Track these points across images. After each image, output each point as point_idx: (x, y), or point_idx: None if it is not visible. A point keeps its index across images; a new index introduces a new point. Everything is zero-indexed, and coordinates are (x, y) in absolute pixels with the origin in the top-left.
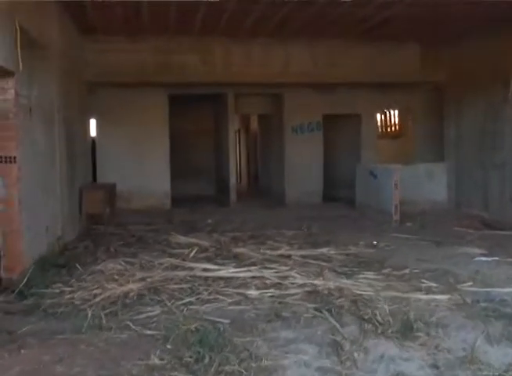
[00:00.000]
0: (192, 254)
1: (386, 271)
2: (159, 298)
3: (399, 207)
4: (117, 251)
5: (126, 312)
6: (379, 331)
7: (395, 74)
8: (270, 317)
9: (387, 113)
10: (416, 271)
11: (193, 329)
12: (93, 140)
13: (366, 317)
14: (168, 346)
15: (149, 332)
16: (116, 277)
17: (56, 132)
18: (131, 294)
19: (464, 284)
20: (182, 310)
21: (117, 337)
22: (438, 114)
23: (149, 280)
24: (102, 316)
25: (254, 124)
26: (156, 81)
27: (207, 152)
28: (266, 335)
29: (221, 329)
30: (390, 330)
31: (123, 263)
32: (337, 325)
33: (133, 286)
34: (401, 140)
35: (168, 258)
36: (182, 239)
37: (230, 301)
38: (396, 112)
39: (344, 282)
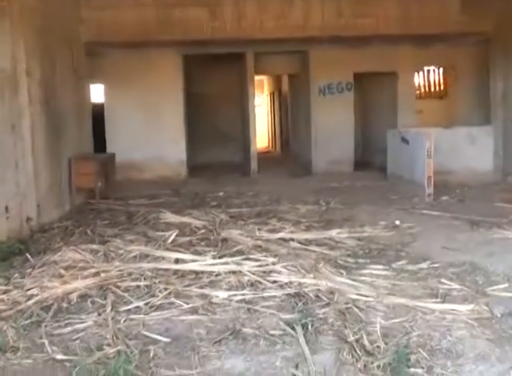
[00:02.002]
0: (170, 239)
1: (400, 264)
2: (103, 302)
3: (434, 179)
4: (94, 233)
5: (52, 323)
6: (359, 366)
7: (434, 24)
8: (224, 335)
9: (430, 71)
10: (436, 265)
11: (112, 355)
12: (102, 107)
13: (351, 339)
14: None
15: (60, 357)
16: (63, 272)
17: (24, 97)
18: (74, 295)
19: (496, 287)
20: (121, 321)
21: (17, 364)
22: (484, 72)
23: (103, 274)
24: (8, 333)
25: (286, 85)
26: (160, 39)
27: (234, 117)
28: (205, 366)
29: (151, 354)
30: (376, 364)
31: (83, 252)
32: (307, 351)
33: (80, 284)
34: (446, 101)
35: (137, 247)
36: (172, 218)
37: (187, 307)
38: (440, 70)
39: (341, 281)
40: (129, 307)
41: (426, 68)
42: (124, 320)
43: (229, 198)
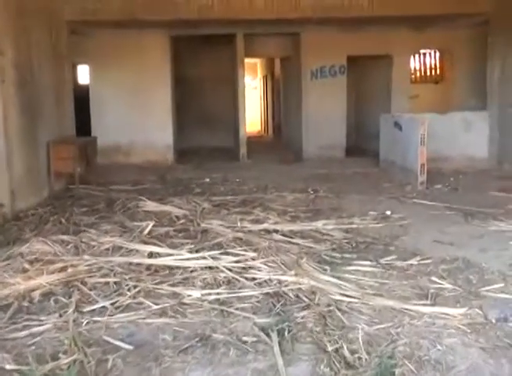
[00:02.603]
0: (147, 230)
1: (388, 259)
2: (67, 301)
3: (427, 166)
4: (69, 222)
5: (9, 325)
6: None
7: (431, 5)
8: (192, 342)
9: (426, 54)
10: (427, 261)
11: (67, 366)
12: (87, 89)
13: (330, 349)
14: None
15: (9, 367)
16: (27, 266)
17: None
18: (36, 292)
19: (491, 287)
20: (83, 323)
21: None
22: (482, 56)
23: (71, 269)
24: None
25: (279, 69)
26: (146, 19)
27: (226, 100)
28: None
29: (109, 365)
30: None
31: (53, 244)
32: (280, 363)
33: (45, 280)
34: (442, 86)
35: (110, 239)
36: (152, 206)
37: (156, 308)
38: (437, 54)
39: (324, 279)
40: (94, 307)
41: (422, 52)
42: (87, 323)
43: (215, 185)
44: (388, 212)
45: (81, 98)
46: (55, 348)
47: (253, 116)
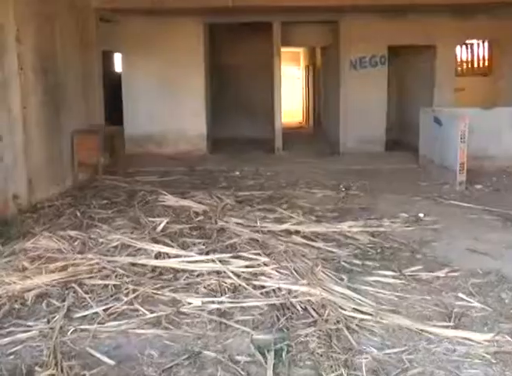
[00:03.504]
0: (160, 227)
1: (413, 270)
2: (59, 304)
3: (468, 164)
4: (84, 215)
5: None
6: None
7: None
8: (179, 359)
9: (474, 45)
10: (455, 274)
11: None
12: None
13: None
14: None
15: None
16: (26, 264)
17: (11, 66)
18: (31, 293)
19: None
20: (69, 331)
21: None
22: None
23: (71, 269)
24: None
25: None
26: (178, 6)
27: (264, 90)
28: None
29: None
30: None
31: (59, 240)
32: None
33: (43, 280)
34: (490, 78)
35: (119, 236)
36: (172, 200)
37: (151, 316)
38: (485, 44)
39: (338, 290)
40: (85, 313)
41: (469, 42)
42: (73, 331)
43: (244, 179)
44: (421, 215)
45: (118, 86)
46: (33, 359)
47: (295, 107)
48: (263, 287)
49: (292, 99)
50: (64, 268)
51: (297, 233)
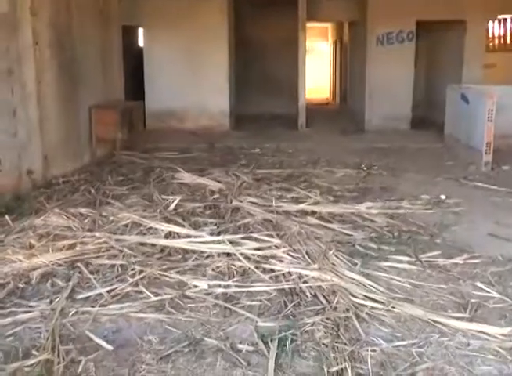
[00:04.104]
0: (173, 205)
1: (430, 255)
2: (64, 284)
3: (496, 144)
4: (98, 192)
5: None
6: None
7: None
8: (179, 346)
9: (507, 20)
10: (475, 260)
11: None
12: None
13: (333, 370)
14: None
15: None
16: (34, 242)
17: (25, 40)
18: (36, 272)
19: None
20: (70, 313)
21: None
22: None
23: (79, 247)
24: None
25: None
26: None
27: (290, 65)
28: None
29: (79, 370)
30: None
31: (70, 217)
32: None
33: (49, 258)
34: None
35: (129, 214)
36: (188, 178)
37: (155, 299)
38: None
39: (350, 276)
40: (89, 294)
41: (501, 17)
42: (74, 313)
43: (264, 156)
44: (443, 196)
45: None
46: (32, 341)
47: (322, 83)
48: (273, 270)
49: (319, 75)
50: (72, 246)
51: (313, 213)
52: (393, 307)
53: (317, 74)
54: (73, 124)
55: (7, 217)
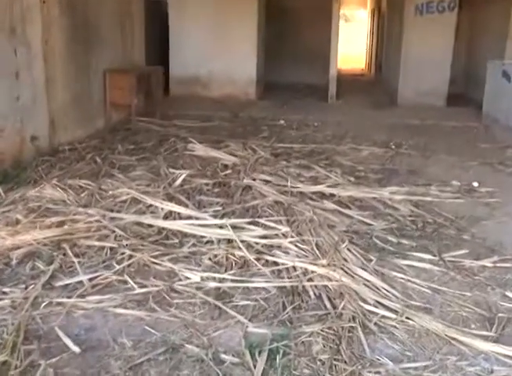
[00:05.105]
0: (179, 180)
1: (456, 254)
2: (44, 268)
3: None
4: (105, 161)
5: None
6: None
7: None
8: (153, 353)
9: None
10: (508, 265)
11: None
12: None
13: None
14: None
15: None
16: (20, 218)
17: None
18: (18, 252)
19: None
20: (43, 305)
21: None
22: None
23: (68, 226)
24: None
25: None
26: None
27: (324, 34)
28: None
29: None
30: None
31: (66, 189)
32: None
33: (34, 236)
34: None
35: (129, 190)
36: (201, 150)
37: (139, 292)
38: None
39: (362, 276)
40: (69, 281)
41: None
42: (48, 304)
43: (288, 129)
44: (476, 184)
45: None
46: None
47: (359, 52)
48: (276, 263)
49: (357, 45)
50: (61, 224)
51: (331, 196)
52: (407, 318)
53: (354, 43)
54: (85, 88)
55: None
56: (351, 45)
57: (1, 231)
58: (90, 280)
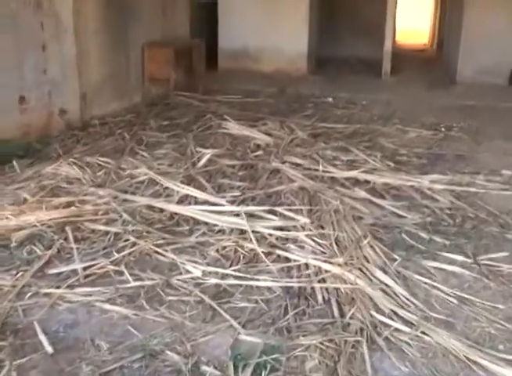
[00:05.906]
0: (202, 161)
1: (494, 256)
2: (41, 253)
3: None
4: (132, 138)
5: None
6: None
7: None
8: (127, 360)
9: None
10: None
11: None
12: None
13: None
14: None
15: None
16: (28, 197)
17: None
18: (19, 234)
19: None
20: (28, 295)
21: None
22: None
23: (76, 207)
24: None
25: None
26: None
27: (384, 7)
28: None
29: None
30: None
31: (82, 167)
32: None
33: (39, 217)
34: None
35: (147, 170)
36: (235, 128)
37: (133, 285)
38: None
39: (381, 279)
40: (63, 270)
41: None
42: (34, 294)
43: (334, 107)
44: None
45: None
46: None
47: (422, 26)
48: (287, 259)
49: (419, 18)
50: (69, 205)
51: (365, 183)
52: (423, 332)
53: (417, 16)
54: (121, 61)
55: (14, 163)
56: (413, 18)
57: (7, 210)
58: (85, 268)
